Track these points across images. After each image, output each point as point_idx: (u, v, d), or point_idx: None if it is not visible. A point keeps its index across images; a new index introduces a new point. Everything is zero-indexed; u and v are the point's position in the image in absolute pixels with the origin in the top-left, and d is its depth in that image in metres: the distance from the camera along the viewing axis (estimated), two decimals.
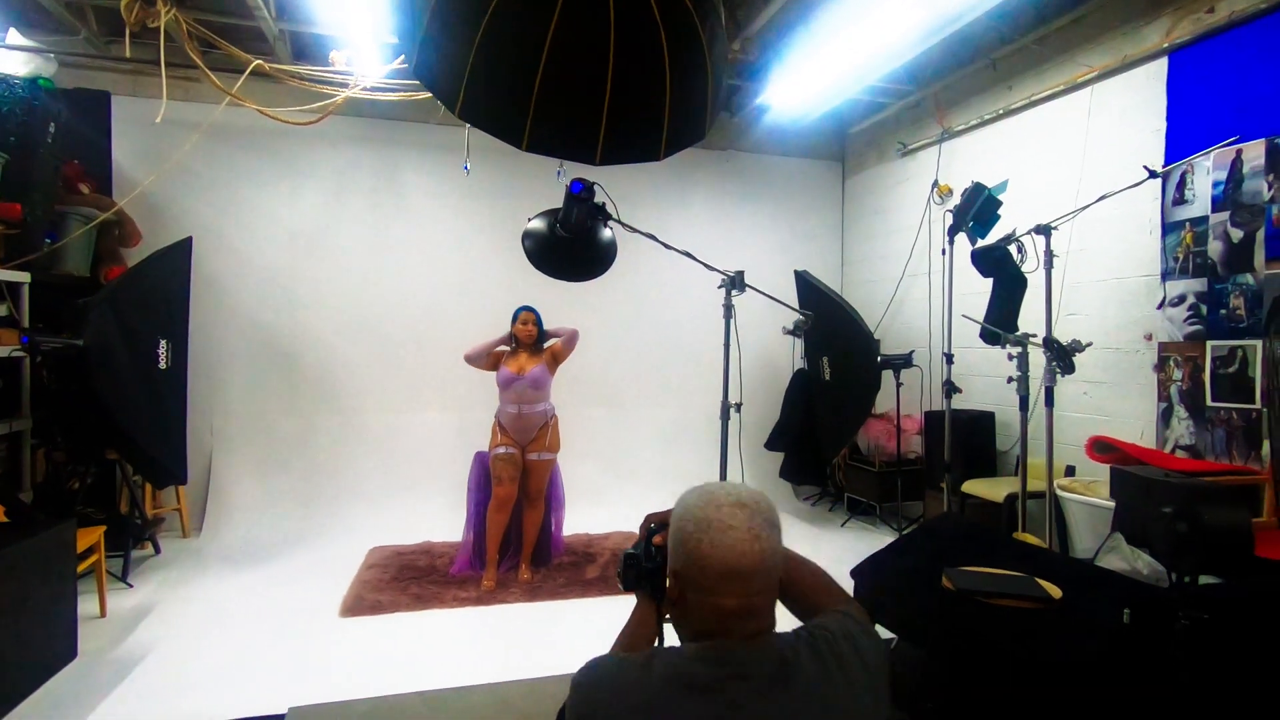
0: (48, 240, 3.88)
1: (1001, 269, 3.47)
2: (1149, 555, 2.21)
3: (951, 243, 3.67)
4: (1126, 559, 2.25)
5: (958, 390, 3.85)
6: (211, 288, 4.79)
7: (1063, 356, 2.85)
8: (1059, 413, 4.03)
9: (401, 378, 5.16)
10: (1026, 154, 4.28)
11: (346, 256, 5.09)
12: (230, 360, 4.87)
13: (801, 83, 4.56)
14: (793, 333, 2.92)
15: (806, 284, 4.87)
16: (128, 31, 3.81)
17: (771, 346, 5.65)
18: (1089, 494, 3.21)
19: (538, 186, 4.94)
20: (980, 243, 3.48)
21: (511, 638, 3.14)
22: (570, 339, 3.78)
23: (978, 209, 3.28)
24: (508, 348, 3.83)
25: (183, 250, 4.13)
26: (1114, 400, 3.70)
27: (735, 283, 2.65)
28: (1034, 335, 3.20)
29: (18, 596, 2.44)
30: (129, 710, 2.52)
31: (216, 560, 4.11)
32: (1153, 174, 2.91)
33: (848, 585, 2.91)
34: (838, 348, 4.74)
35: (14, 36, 3.85)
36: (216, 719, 2.42)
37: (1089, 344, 2.99)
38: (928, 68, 4.88)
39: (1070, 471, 3.78)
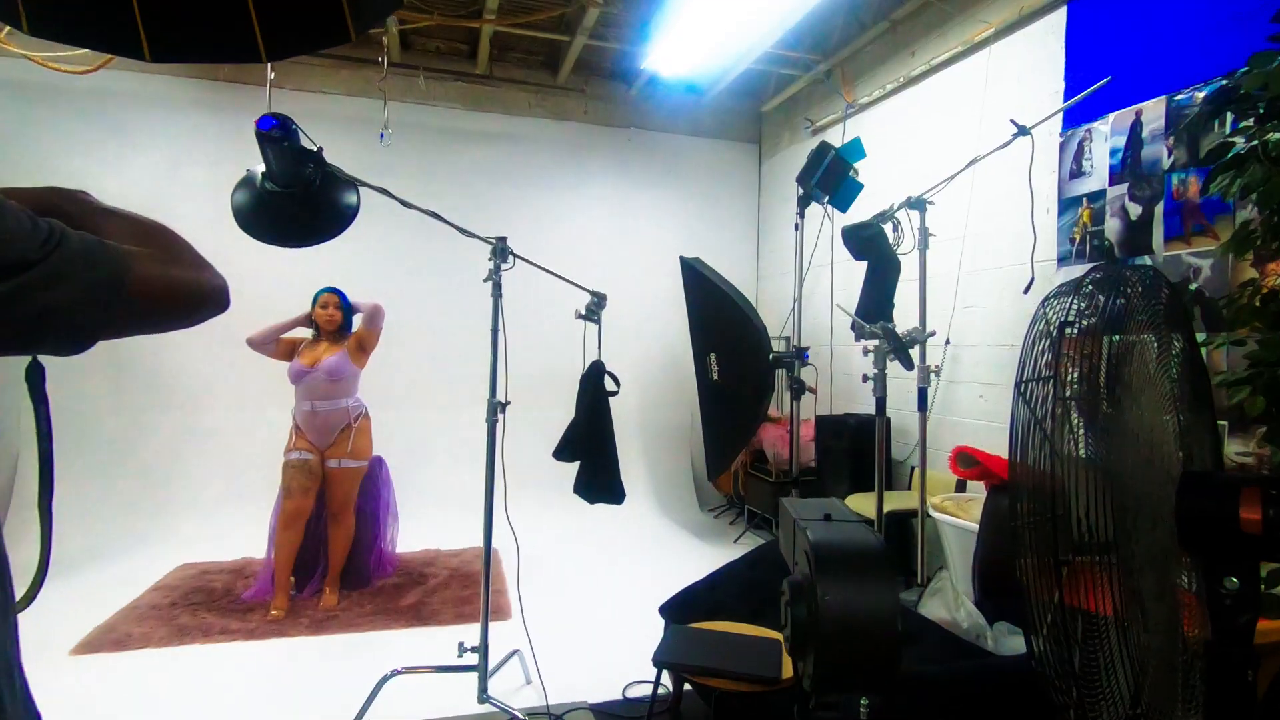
0: None
1: (873, 250, 2.97)
2: (972, 603, 1.72)
3: (801, 215, 3.17)
4: (948, 605, 1.75)
5: (811, 391, 3.37)
6: None
7: (900, 349, 2.35)
8: (952, 419, 3.56)
9: (245, 372, 4.61)
10: (927, 125, 3.81)
11: (185, 233, 4.54)
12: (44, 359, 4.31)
13: (685, 44, 4.06)
14: (585, 316, 2.41)
15: (694, 273, 4.36)
16: None
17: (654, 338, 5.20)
18: (960, 515, 2.72)
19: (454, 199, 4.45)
20: (845, 220, 2.98)
21: (265, 681, 2.61)
22: (371, 315, 3.25)
23: (823, 173, 2.78)
24: (309, 333, 3.30)
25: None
26: (1008, 404, 3.21)
27: (501, 252, 2.14)
28: (908, 327, 2.70)
29: None
30: None
31: (39, 534, 3.54)
32: (1021, 130, 2.42)
33: (659, 623, 2.43)
34: (726, 344, 4.25)
35: None
36: None
37: (931, 333, 2.50)
38: (831, 35, 4.40)
39: (960, 487, 3.29)
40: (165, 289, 0.70)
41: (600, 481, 2.34)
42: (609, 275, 5.13)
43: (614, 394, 2.36)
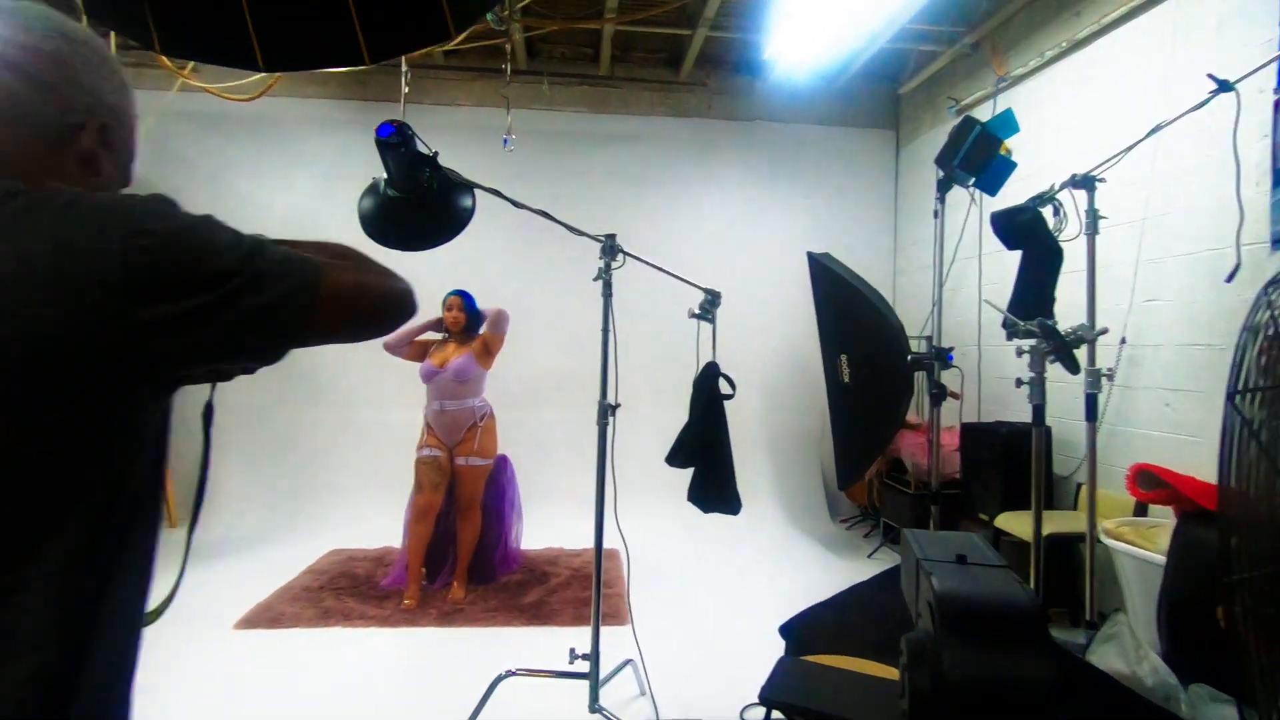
0: None
1: (1029, 238, 2.62)
2: (1158, 655, 1.42)
3: (941, 200, 2.84)
4: (1126, 656, 1.47)
5: (954, 396, 3.04)
6: None
7: (1063, 350, 2.02)
8: (1129, 430, 3.09)
9: (386, 372, 4.91)
10: (1095, 94, 3.33)
11: (345, 241, 4.92)
12: None
13: (812, 27, 3.83)
14: (699, 315, 2.29)
15: (823, 269, 4.11)
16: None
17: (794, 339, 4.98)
18: (1143, 545, 2.32)
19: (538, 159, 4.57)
20: (994, 204, 2.65)
21: (394, 670, 2.72)
22: (496, 320, 3.32)
23: (967, 151, 2.47)
24: (438, 336, 3.43)
25: None
26: (1204, 414, 2.72)
27: (610, 249, 2.07)
28: (1072, 325, 2.34)
29: None
30: None
31: (181, 554, 4.00)
32: (1223, 85, 2.00)
33: (779, 644, 2.26)
34: (859, 344, 3.97)
35: None
36: None
37: (1102, 331, 2.13)
38: (979, 2, 3.98)
39: (1141, 511, 2.84)
40: (357, 293, 0.73)
41: (715, 490, 2.21)
42: (732, 273, 4.97)
43: (729, 397, 2.23)
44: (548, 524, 4.28)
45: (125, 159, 0.73)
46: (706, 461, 2.22)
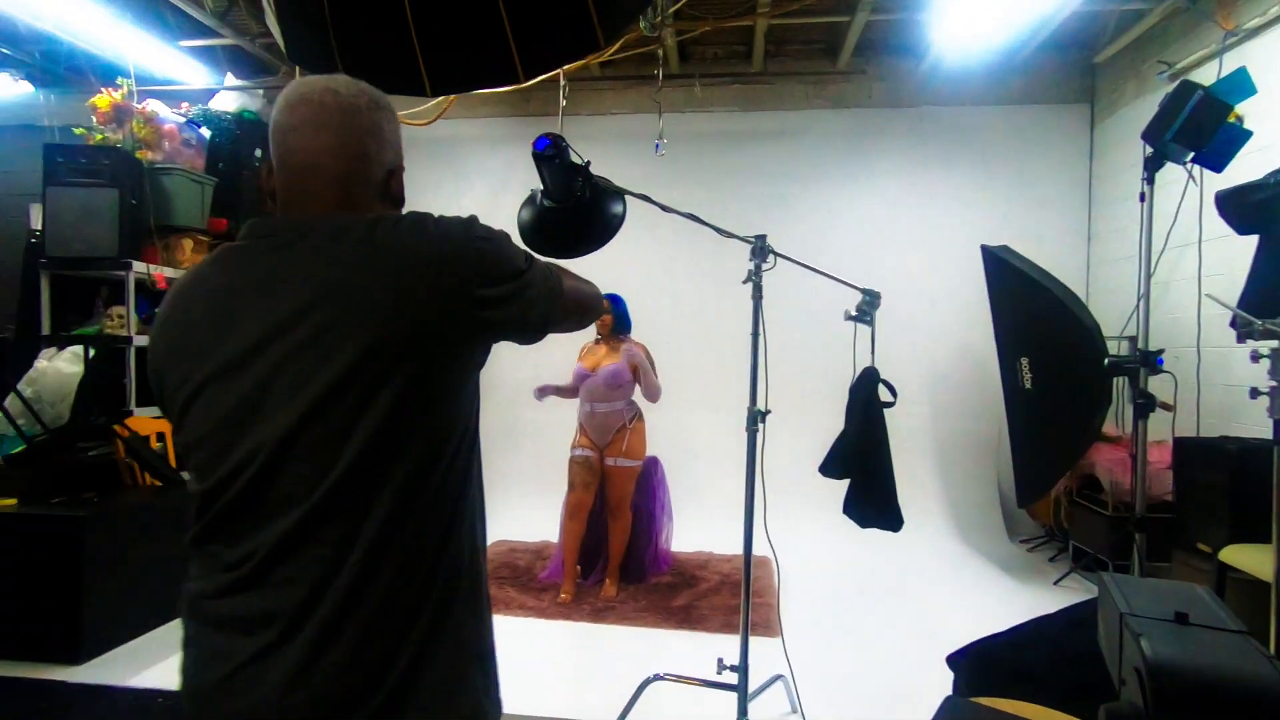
0: None
1: (1271, 221, 2.20)
2: None
3: (1150, 180, 2.43)
4: None
5: (1165, 407, 2.62)
6: None
7: None
8: None
9: (556, 372, 5.15)
10: None
11: None
12: None
13: None
14: (856, 318, 2.16)
15: (1000, 263, 3.75)
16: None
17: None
18: None
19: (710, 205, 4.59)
20: (1221, 182, 2.24)
21: (548, 661, 2.84)
22: (651, 389, 3.42)
23: (1186, 121, 2.09)
24: (594, 337, 3.54)
25: None
26: None
27: (760, 250, 2.01)
28: None
29: (116, 553, 2.82)
30: None
31: None
32: None
33: (945, 676, 2.07)
34: (1043, 346, 3.57)
35: (230, 80, 4.63)
36: None
37: None
38: None
39: None
40: (579, 295, 1.03)
41: (874, 504, 2.07)
42: (895, 271, 4.68)
43: (890, 405, 2.08)
44: (698, 527, 4.27)
45: (401, 194, 0.94)
46: (864, 473, 2.09)
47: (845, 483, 2.29)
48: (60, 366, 3.52)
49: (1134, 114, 4.24)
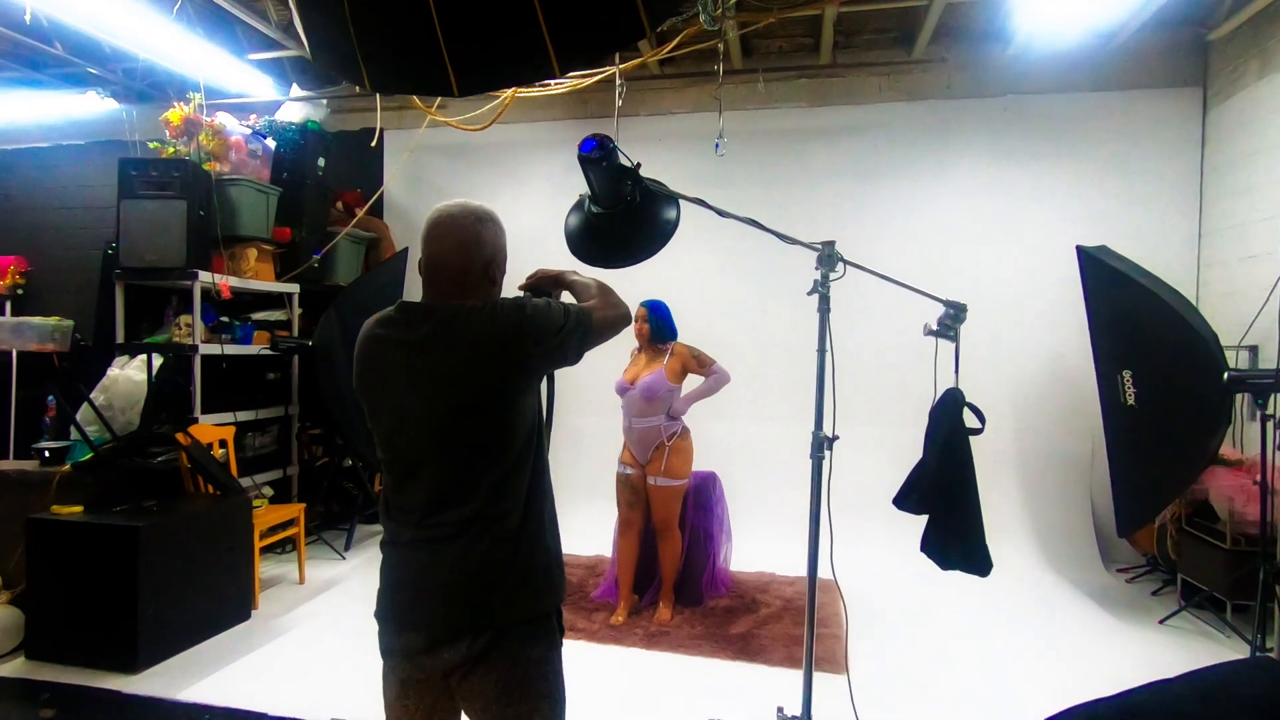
0: (315, 256, 4.63)
1: None
2: None
3: None
4: None
5: None
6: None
7: None
8: None
9: (601, 381, 5.03)
10: None
11: (566, 258, 5.14)
12: None
13: None
14: (937, 333, 1.92)
15: (1099, 265, 3.39)
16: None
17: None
18: None
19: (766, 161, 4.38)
20: None
21: (594, 691, 2.68)
22: (714, 383, 3.27)
23: None
24: (637, 347, 3.38)
25: (399, 260, 4.58)
26: None
27: (828, 259, 1.80)
28: None
29: (171, 563, 2.83)
30: (254, 673, 2.75)
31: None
32: None
33: None
34: (1149, 357, 3.21)
35: (295, 91, 4.70)
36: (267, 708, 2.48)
37: None
38: None
39: None
40: (606, 323, 1.36)
41: (957, 544, 1.82)
42: (975, 276, 4.36)
43: (977, 432, 1.83)
44: (760, 545, 4.05)
45: (502, 275, 1.34)
46: (946, 508, 1.85)
47: (920, 514, 2.05)
48: (131, 374, 3.62)
49: (1257, 97, 3.79)
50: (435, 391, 1.19)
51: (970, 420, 1.84)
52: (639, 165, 2.01)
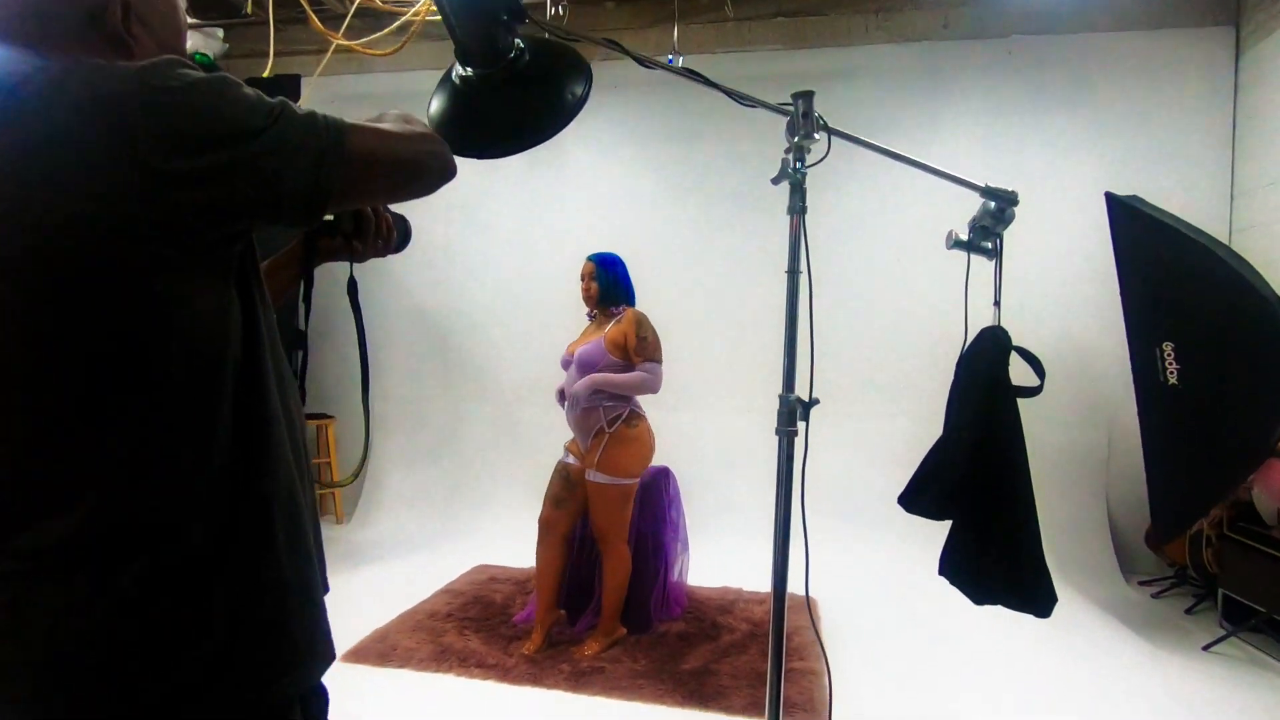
0: None
1: None
2: None
3: None
4: None
5: None
6: (375, 267, 4.58)
7: None
8: None
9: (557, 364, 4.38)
10: None
11: (503, 227, 4.48)
12: (393, 343, 4.59)
13: None
14: (968, 244, 1.28)
15: (1132, 214, 2.80)
16: None
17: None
18: None
19: (723, 123, 3.76)
20: None
21: None
22: (647, 379, 2.55)
23: None
24: (589, 311, 2.73)
25: None
26: None
27: (804, 122, 1.16)
28: None
29: None
30: None
31: (342, 556, 3.72)
32: None
33: None
34: (1196, 327, 2.63)
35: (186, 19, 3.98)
36: None
37: None
38: None
39: None
40: (382, 153, 0.76)
41: (1000, 569, 1.18)
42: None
43: (1032, 393, 1.20)
44: (723, 556, 3.42)
45: (168, 34, 0.74)
46: (983, 513, 1.21)
47: (940, 519, 1.41)
48: None
49: None
50: None
51: (1021, 375, 1.20)
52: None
